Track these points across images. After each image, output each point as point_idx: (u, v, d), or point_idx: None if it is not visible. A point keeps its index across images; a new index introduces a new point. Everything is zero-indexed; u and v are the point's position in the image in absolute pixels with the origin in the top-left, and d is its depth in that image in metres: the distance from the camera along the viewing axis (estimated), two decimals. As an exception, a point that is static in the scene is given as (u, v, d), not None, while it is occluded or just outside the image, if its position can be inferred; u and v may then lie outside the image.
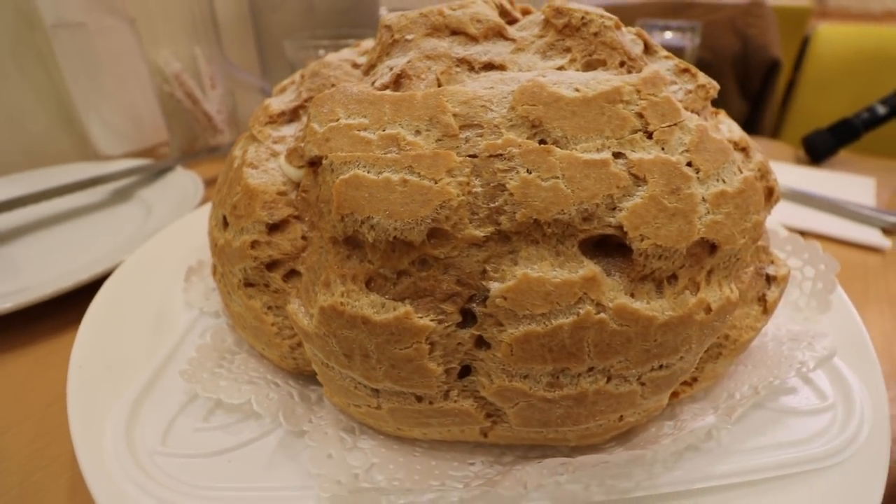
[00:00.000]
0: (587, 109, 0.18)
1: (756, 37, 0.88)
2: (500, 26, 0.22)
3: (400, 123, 0.18)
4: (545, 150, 0.17)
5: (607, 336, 0.16)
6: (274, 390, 0.22)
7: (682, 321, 0.17)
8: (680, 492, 0.20)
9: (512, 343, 0.16)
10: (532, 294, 0.16)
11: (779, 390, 0.25)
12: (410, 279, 0.17)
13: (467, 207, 0.16)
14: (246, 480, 0.19)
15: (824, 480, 0.21)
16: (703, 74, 0.23)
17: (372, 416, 0.19)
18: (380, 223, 0.16)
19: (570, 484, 0.20)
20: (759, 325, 0.22)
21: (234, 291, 0.23)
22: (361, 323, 0.17)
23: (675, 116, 0.18)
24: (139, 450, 0.20)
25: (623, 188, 0.17)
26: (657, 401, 0.19)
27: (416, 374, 0.17)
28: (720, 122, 0.26)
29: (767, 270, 0.23)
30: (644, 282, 0.17)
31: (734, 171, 0.19)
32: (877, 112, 0.62)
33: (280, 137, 0.24)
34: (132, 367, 0.24)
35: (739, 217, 0.18)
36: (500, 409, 0.18)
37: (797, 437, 0.22)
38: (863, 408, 0.23)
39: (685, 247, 0.17)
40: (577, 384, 0.17)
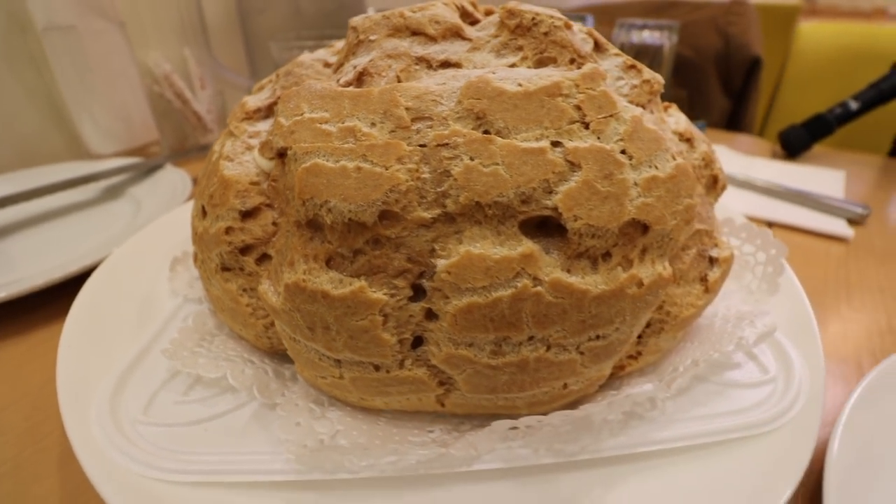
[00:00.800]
0: (528, 102, 0.19)
1: (737, 35, 0.89)
2: (457, 27, 0.24)
3: (357, 117, 0.19)
4: (487, 139, 0.18)
5: (544, 307, 0.18)
6: (249, 367, 0.24)
7: (614, 294, 0.19)
8: (623, 455, 0.22)
9: (456, 314, 0.18)
10: (473, 269, 0.18)
11: (725, 366, 0.26)
12: (365, 257, 0.18)
13: (416, 192, 0.18)
14: (220, 446, 0.21)
15: (758, 445, 0.22)
16: (649, 70, 0.25)
17: (337, 386, 0.21)
18: (336, 206, 0.18)
19: (521, 448, 0.21)
20: (700, 303, 0.24)
21: (213, 276, 0.25)
22: (321, 297, 0.18)
23: (611, 108, 0.20)
24: (122, 420, 0.22)
25: (559, 173, 0.18)
26: (598, 370, 0.21)
27: (371, 343, 0.19)
28: (669, 115, 0.27)
29: (711, 253, 0.25)
30: (580, 259, 0.19)
31: (667, 159, 0.20)
32: (849, 107, 0.64)
33: (255, 132, 0.26)
34: (118, 349, 0.26)
35: (671, 200, 0.20)
36: (451, 376, 0.20)
37: (738, 406, 0.24)
38: (801, 381, 0.25)
39: (616, 226, 0.19)
40: (518, 352, 0.19)
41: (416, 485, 0.21)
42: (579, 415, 0.20)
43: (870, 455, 0.22)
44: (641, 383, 0.24)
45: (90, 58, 0.54)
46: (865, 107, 0.64)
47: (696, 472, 0.21)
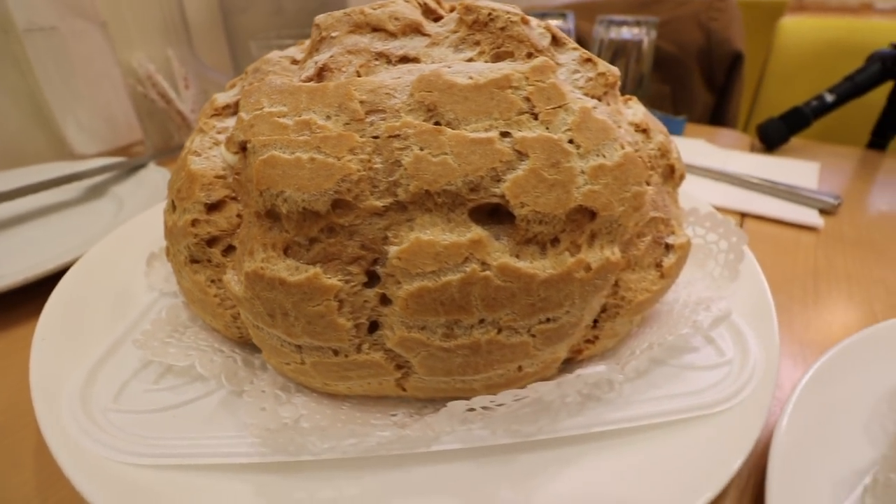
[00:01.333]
0: (478, 94, 0.20)
1: (719, 30, 0.90)
2: (416, 23, 0.25)
3: (313, 110, 0.20)
4: (437, 130, 0.19)
5: (492, 291, 0.19)
6: (219, 356, 0.25)
7: (562, 278, 0.20)
8: (579, 435, 0.23)
9: (407, 298, 0.19)
10: (423, 254, 0.18)
11: (683, 349, 0.27)
12: (321, 245, 0.19)
13: (368, 181, 0.19)
14: (188, 431, 0.22)
15: (711, 424, 0.23)
16: (605, 63, 0.26)
17: (300, 372, 0.22)
18: (291, 196, 0.19)
19: (479, 430, 0.22)
20: (655, 288, 0.25)
21: (182, 268, 0.25)
22: (279, 284, 0.19)
23: (560, 100, 0.21)
24: (93, 408, 0.22)
25: (506, 162, 0.19)
26: (552, 353, 0.22)
27: (328, 328, 0.19)
28: (627, 107, 0.28)
29: (667, 240, 0.26)
30: (529, 244, 0.20)
31: (615, 148, 0.21)
32: (825, 100, 0.65)
33: (223, 128, 0.26)
34: (92, 341, 0.26)
35: (618, 187, 0.21)
36: (407, 359, 0.20)
37: (693, 388, 0.25)
38: (755, 363, 0.26)
39: (563, 213, 0.19)
40: (470, 334, 0.20)
41: (377, 466, 0.21)
42: (527, 394, 0.20)
43: (815, 433, 0.23)
44: (597, 366, 0.25)
45: (72, 58, 0.55)
46: (841, 99, 0.65)
47: (650, 451, 0.22)
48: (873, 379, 0.27)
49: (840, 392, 0.26)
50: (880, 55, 0.64)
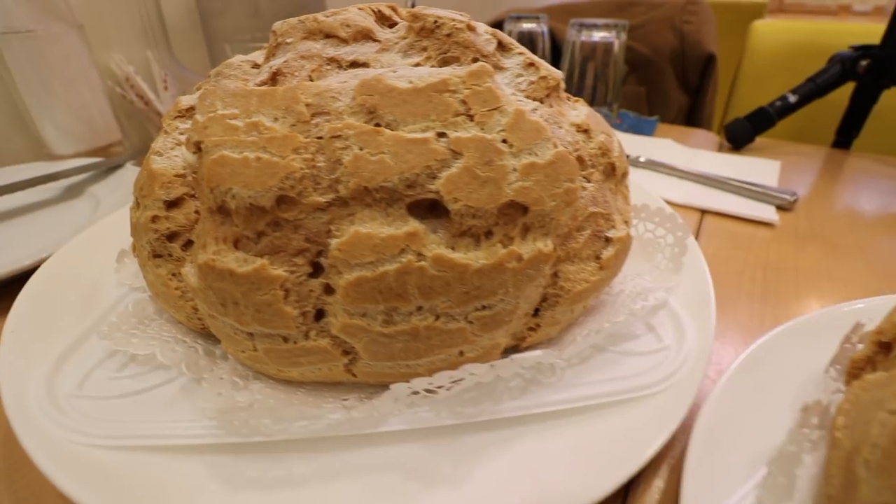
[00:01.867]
0: (417, 98, 0.22)
1: (692, 33, 0.93)
2: (368, 30, 0.26)
3: (262, 112, 0.21)
4: (376, 131, 0.21)
5: (428, 280, 0.20)
6: (180, 346, 0.26)
7: (494, 268, 0.21)
8: (520, 416, 0.24)
9: (347, 286, 0.20)
10: (361, 246, 0.20)
11: (624, 337, 0.29)
12: (268, 238, 0.20)
13: (311, 178, 0.20)
14: (147, 416, 0.23)
15: (644, 404, 0.25)
16: (547, 67, 0.27)
17: (254, 359, 0.23)
18: (238, 193, 0.20)
19: (425, 412, 0.24)
20: (593, 279, 0.26)
21: (146, 263, 0.26)
22: (229, 275, 0.20)
23: (495, 102, 0.22)
24: (58, 395, 0.24)
25: (441, 161, 0.21)
26: (491, 339, 0.23)
27: (276, 316, 0.21)
28: (573, 108, 0.30)
29: (607, 234, 0.28)
30: (463, 237, 0.21)
31: (548, 147, 0.23)
32: (788, 101, 0.68)
33: (186, 129, 0.28)
34: (60, 333, 0.28)
35: (549, 184, 0.22)
36: (351, 345, 0.22)
37: (631, 372, 0.26)
38: (690, 349, 0.27)
39: (495, 207, 0.21)
40: (408, 321, 0.21)
41: (327, 446, 0.23)
42: (462, 375, 0.22)
43: (740, 413, 0.25)
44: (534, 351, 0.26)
45: (49, 61, 0.55)
46: (803, 100, 0.67)
47: (584, 430, 0.24)
48: (802, 362, 0.28)
49: (769, 374, 0.27)
50: (840, 57, 0.67)
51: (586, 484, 0.21)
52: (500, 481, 0.21)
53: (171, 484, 0.21)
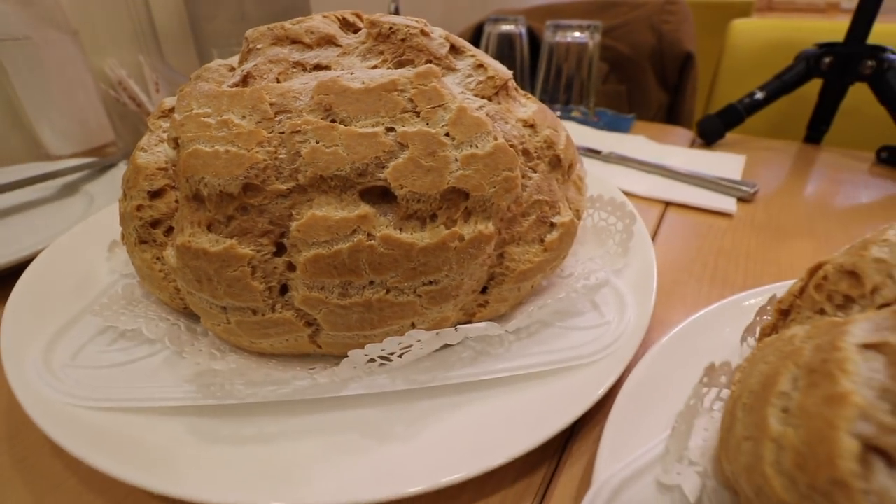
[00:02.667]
0: (368, 96, 0.24)
1: (670, 32, 0.95)
2: (330, 36, 0.29)
3: (232, 111, 0.24)
4: (331, 126, 0.23)
5: (377, 257, 0.23)
6: (164, 323, 0.29)
7: (438, 247, 0.24)
8: (468, 383, 0.27)
9: (306, 263, 0.23)
10: (318, 227, 0.23)
11: (571, 313, 0.32)
12: (236, 221, 0.23)
13: (273, 168, 0.23)
14: (133, 382, 0.26)
15: (582, 372, 0.27)
16: (495, 68, 0.30)
17: (229, 331, 0.26)
18: (209, 181, 0.23)
19: (382, 378, 0.26)
20: (537, 259, 0.29)
21: (133, 248, 0.29)
22: (202, 254, 0.23)
23: (439, 100, 0.25)
24: (53, 365, 0.26)
25: (389, 152, 0.23)
26: (440, 312, 0.26)
27: (245, 290, 0.24)
28: (522, 105, 0.33)
29: (552, 219, 0.30)
30: (410, 219, 0.24)
31: (488, 140, 0.25)
32: (756, 97, 0.70)
33: (168, 128, 0.30)
34: (56, 314, 0.30)
35: (488, 172, 0.25)
36: (313, 317, 0.25)
37: (573, 345, 0.29)
38: (628, 323, 0.30)
39: (437, 193, 0.24)
40: (362, 294, 0.24)
41: (294, 409, 0.25)
42: (409, 341, 0.25)
43: (662, 382, 0.27)
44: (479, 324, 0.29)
45: (46, 66, 0.58)
46: (770, 97, 0.70)
47: (527, 394, 0.26)
48: (728, 335, 0.31)
49: (696, 345, 0.30)
50: (805, 55, 0.69)
51: (522, 436, 0.23)
52: (446, 437, 0.24)
53: (154, 439, 0.23)
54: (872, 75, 0.65)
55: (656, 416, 0.25)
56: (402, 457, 0.23)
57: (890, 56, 0.65)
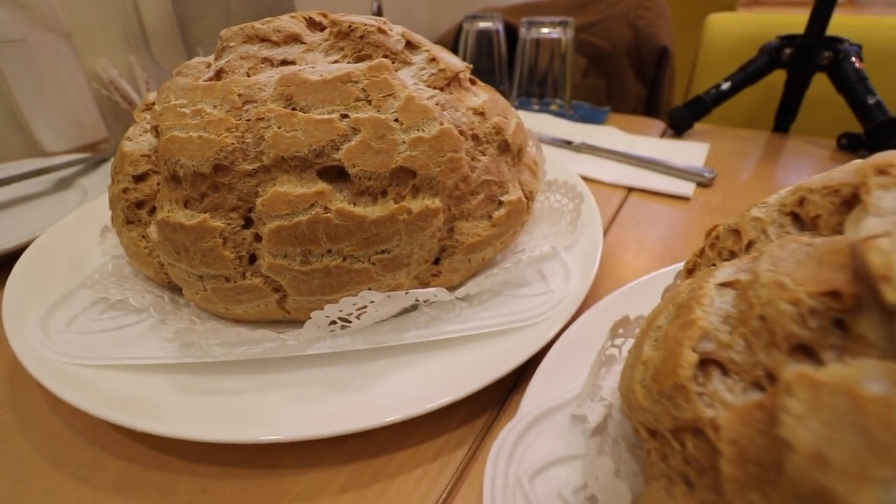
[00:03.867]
0: (325, 87, 0.27)
1: (646, 28, 0.98)
2: (296, 34, 0.32)
3: (204, 102, 0.27)
4: (291, 114, 0.26)
5: (333, 228, 0.26)
6: (150, 295, 0.32)
7: (387, 219, 0.27)
8: (422, 343, 0.30)
9: (270, 233, 0.26)
10: (280, 202, 0.26)
11: (520, 283, 0.35)
12: (209, 198, 0.26)
13: (240, 151, 0.26)
14: (120, 344, 0.29)
15: (522, 332, 0.30)
16: (447, 61, 0.33)
17: (206, 299, 0.29)
18: (184, 163, 0.26)
19: (343, 339, 0.30)
20: (485, 234, 0.32)
21: (121, 229, 0.32)
22: (179, 227, 0.26)
23: (389, 90, 0.28)
24: (50, 331, 0.30)
25: (343, 135, 0.27)
26: (393, 279, 0.29)
27: (217, 259, 0.27)
28: (475, 95, 0.36)
29: (500, 198, 0.34)
30: (363, 195, 0.27)
31: (434, 125, 0.29)
32: (722, 88, 0.73)
33: (150, 119, 0.34)
34: (52, 289, 0.33)
35: (434, 153, 0.28)
36: (279, 282, 0.28)
37: (519, 310, 0.32)
38: (570, 291, 0.33)
39: (387, 171, 0.27)
40: (321, 261, 0.27)
41: (264, 367, 0.29)
42: (363, 301, 0.28)
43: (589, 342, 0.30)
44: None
45: (41, 67, 0.61)
46: (735, 87, 0.73)
47: (473, 352, 0.30)
48: (650, 300, 0.34)
49: (626, 309, 0.33)
50: (768, 47, 0.73)
51: (463, 384, 0.27)
52: (398, 388, 0.27)
53: (139, 391, 0.27)
54: (830, 65, 0.68)
55: (581, 367, 0.28)
56: (357, 404, 0.26)
57: (846, 47, 0.68)
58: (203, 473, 0.25)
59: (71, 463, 0.26)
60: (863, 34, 0.91)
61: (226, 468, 0.26)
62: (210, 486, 0.25)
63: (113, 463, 0.26)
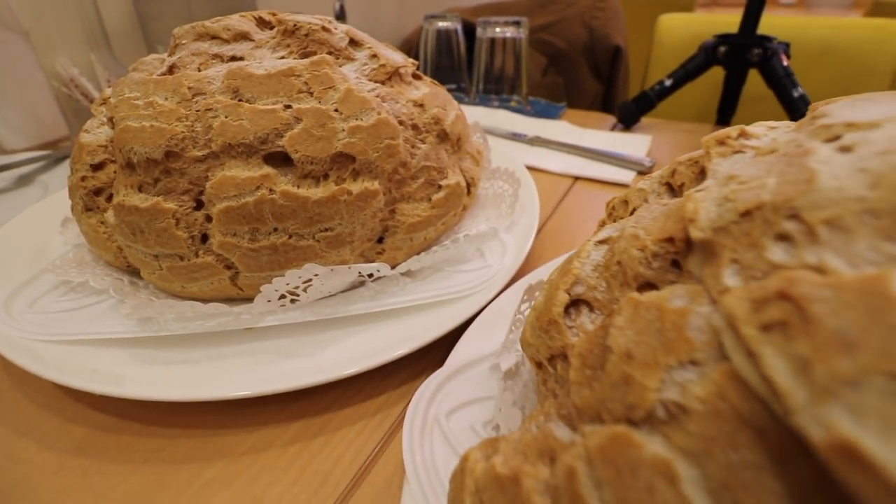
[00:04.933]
0: (269, 80, 0.30)
1: (599, 28, 1.03)
2: (245, 32, 0.35)
3: (156, 94, 0.30)
4: (237, 104, 0.29)
5: (278, 208, 0.29)
6: (109, 277, 0.34)
7: (329, 199, 0.30)
8: (365, 314, 0.33)
9: (219, 213, 0.28)
10: (228, 184, 0.28)
11: (460, 260, 0.38)
12: (162, 182, 0.29)
13: (190, 139, 0.28)
14: (82, 322, 0.31)
15: (458, 302, 0.34)
16: (387, 57, 0.36)
17: (162, 278, 0.31)
18: (138, 150, 0.28)
19: (293, 312, 0.32)
20: (425, 214, 0.35)
21: (80, 216, 0.34)
22: (135, 210, 0.29)
23: (330, 83, 0.31)
24: (13, 311, 0.31)
25: (286, 124, 0.29)
26: (338, 255, 0.32)
27: (171, 239, 0.29)
28: (415, 88, 0.39)
29: (440, 182, 0.37)
30: (307, 178, 0.30)
31: (372, 115, 0.31)
32: (665, 84, 0.78)
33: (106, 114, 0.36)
34: (14, 276, 0.35)
35: (371, 140, 0.31)
36: (230, 260, 0.30)
37: (456, 283, 0.35)
38: (503, 266, 0.37)
39: (327, 156, 0.30)
40: (268, 238, 0.29)
41: (219, 341, 0.31)
42: (308, 274, 0.30)
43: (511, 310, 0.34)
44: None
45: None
46: (677, 84, 0.78)
47: (414, 320, 0.32)
48: None
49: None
50: (705, 46, 0.78)
51: (401, 344, 0.30)
52: (344, 352, 0.30)
53: (100, 363, 0.29)
54: (760, 62, 0.73)
55: (505, 329, 0.31)
56: (304, 367, 0.29)
57: (774, 45, 0.73)
58: (160, 435, 0.28)
59: (35, 431, 0.28)
60: (794, 33, 0.98)
61: (182, 430, 0.28)
62: (167, 444, 0.27)
63: (76, 430, 0.28)
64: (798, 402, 0.10)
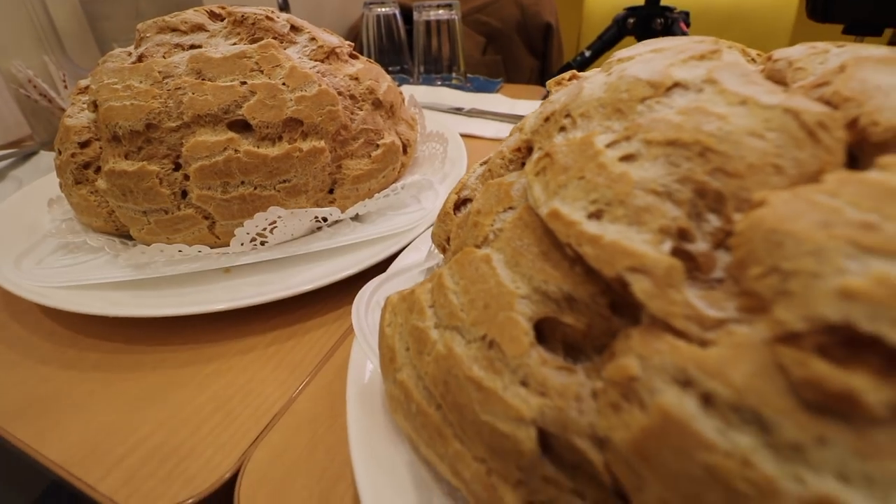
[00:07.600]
0: (226, 63, 0.37)
1: (530, 7, 1.12)
2: (200, 24, 0.41)
3: (132, 79, 0.36)
4: (201, 83, 0.36)
5: (243, 165, 0.36)
6: (103, 238, 0.40)
7: (284, 156, 0.37)
8: (323, 251, 0.40)
9: (195, 171, 0.35)
10: (200, 147, 0.35)
11: (401, 206, 0.46)
12: (144, 150, 0.35)
13: (165, 113, 0.35)
14: (84, 272, 0.37)
15: (398, 238, 0.42)
16: (324, 39, 0.43)
17: (150, 232, 0.38)
18: (122, 124, 0.35)
19: (264, 252, 0.39)
20: (366, 168, 0.43)
21: (71, 189, 0.40)
22: (123, 174, 0.35)
23: (276, 63, 0.38)
24: (23, 268, 0.37)
25: (243, 97, 0.36)
26: (296, 202, 0.39)
27: (157, 196, 0.36)
28: (351, 65, 0.46)
29: (378, 142, 0.44)
30: (265, 140, 0.37)
31: (314, 87, 0.39)
32: (585, 55, 0.88)
33: (85, 100, 0.41)
34: (17, 244, 0.41)
35: (315, 107, 0.38)
36: (207, 210, 0.37)
37: (397, 224, 0.43)
38: (435, 207, 0.45)
39: (280, 121, 0.37)
40: (237, 190, 0.37)
41: (202, 279, 0.38)
42: (272, 217, 0.38)
43: None
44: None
45: (-44, 70, 0.65)
46: (595, 54, 0.87)
47: (361, 254, 0.40)
48: None
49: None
50: (617, 18, 0.87)
51: (354, 266, 0.37)
52: (305, 279, 0.38)
53: (99, 302, 0.35)
54: (663, 30, 0.83)
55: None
56: (276, 289, 0.36)
57: (675, 14, 0.84)
58: (163, 351, 0.35)
59: (56, 360, 0.35)
60: (699, 4, 1.09)
61: (180, 345, 0.35)
62: (170, 356, 0.34)
63: (91, 356, 0.35)
64: (541, 201, 0.18)
